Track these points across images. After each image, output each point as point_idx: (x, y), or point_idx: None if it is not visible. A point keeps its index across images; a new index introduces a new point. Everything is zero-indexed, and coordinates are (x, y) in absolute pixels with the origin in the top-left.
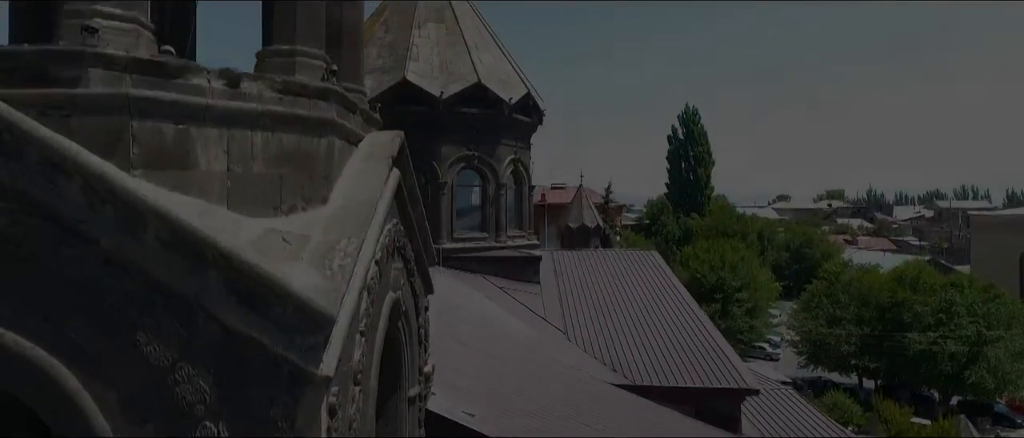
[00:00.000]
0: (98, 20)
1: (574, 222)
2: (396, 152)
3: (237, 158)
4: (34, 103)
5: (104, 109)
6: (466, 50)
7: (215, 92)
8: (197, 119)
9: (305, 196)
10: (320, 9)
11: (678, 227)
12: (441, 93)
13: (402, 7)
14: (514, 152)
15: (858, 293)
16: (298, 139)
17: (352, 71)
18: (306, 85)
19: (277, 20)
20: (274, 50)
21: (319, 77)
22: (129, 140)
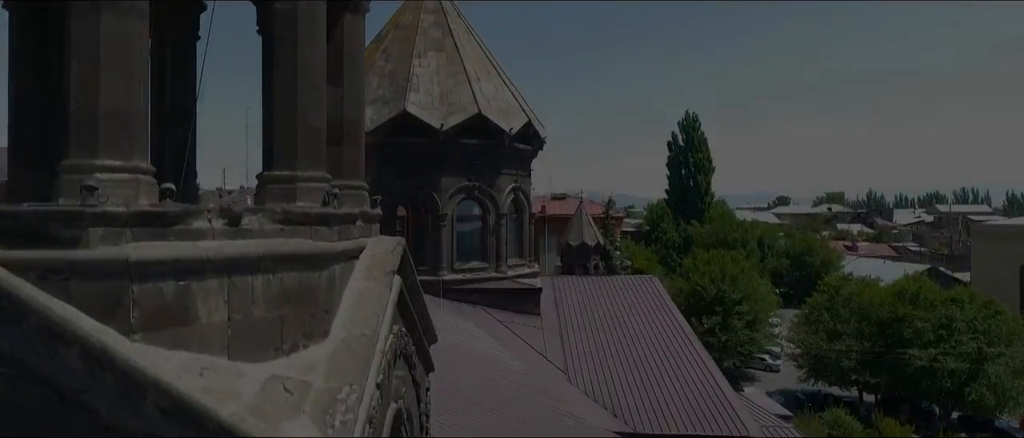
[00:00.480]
0: (98, 175)
1: (574, 240)
2: (397, 266)
3: (238, 306)
4: (33, 267)
5: (104, 274)
6: (467, 80)
7: (216, 232)
8: (197, 273)
9: (306, 332)
10: (320, 132)
11: (678, 234)
12: (441, 125)
13: (403, 35)
14: (514, 181)
15: (858, 307)
16: (299, 276)
17: (353, 167)
18: (308, 213)
19: (277, 146)
20: (275, 176)
21: (320, 200)
22: (129, 304)
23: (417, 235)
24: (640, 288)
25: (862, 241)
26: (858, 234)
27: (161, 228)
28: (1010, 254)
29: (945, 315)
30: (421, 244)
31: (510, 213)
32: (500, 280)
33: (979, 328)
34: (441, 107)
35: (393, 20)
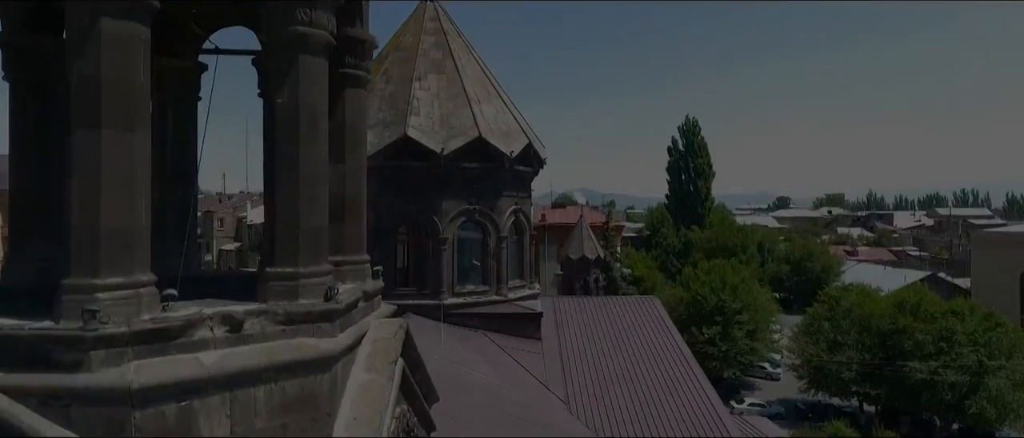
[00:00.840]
0: (99, 295)
1: (575, 253)
2: (399, 354)
3: (240, 419)
4: (34, 392)
5: (105, 401)
6: (467, 102)
7: (218, 341)
8: (200, 391)
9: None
10: (322, 229)
11: (678, 239)
12: (442, 149)
13: (403, 57)
14: (515, 202)
15: (859, 318)
16: (301, 382)
17: (355, 242)
18: (310, 311)
19: (279, 245)
20: (277, 273)
21: (322, 295)
22: (131, 430)
23: (417, 258)
24: (641, 310)
25: (862, 245)
26: (858, 238)
27: (163, 343)
28: (1010, 261)
29: (945, 327)
30: (421, 267)
31: (511, 235)
32: (501, 303)
33: (980, 340)
34: (442, 131)
35: (393, 42)
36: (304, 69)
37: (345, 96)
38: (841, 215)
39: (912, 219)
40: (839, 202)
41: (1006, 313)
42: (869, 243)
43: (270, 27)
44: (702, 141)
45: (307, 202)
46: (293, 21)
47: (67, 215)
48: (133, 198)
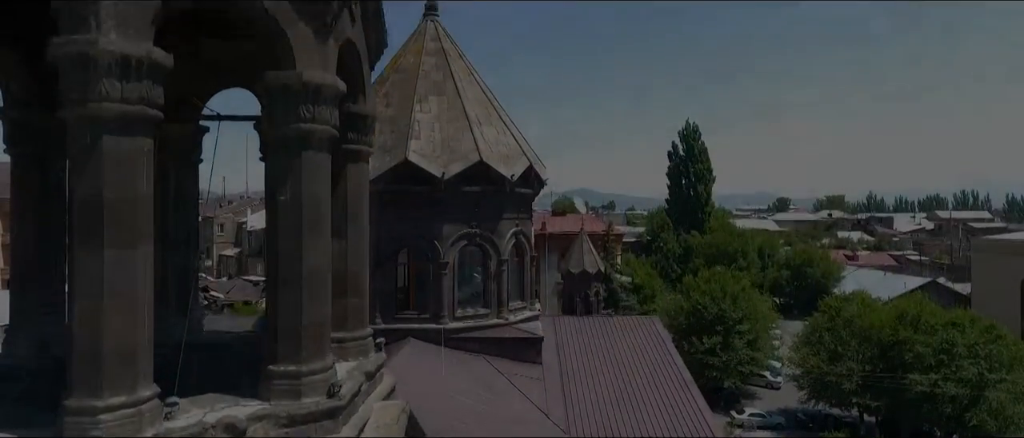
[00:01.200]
0: (101, 416)
1: (575, 267)
2: None
3: None
4: None
5: None
6: (468, 125)
7: None
8: None
9: None
10: (325, 324)
11: (678, 244)
12: (443, 174)
13: (403, 78)
14: (516, 224)
15: (859, 329)
16: None
17: (357, 317)
18: (313, 411)
19: (282, 344)
20: (280, 371)
21: (325, 391)
22: None
23: (419, 281)
24: (641, 331)
25: (862, 250)
26: (858, 242)
27: None
28: (1011, 268)
29: (946, 339)
30: (423, 291)
31: (511, 256)
32: (502, 327)
33: (980, 353)
34: (442, 155)
35: (394, 63)
36: (307, 165)
37: (347, 171)
38: (841, 218)
39: (912, 222)
40: (839, 204)
41: (1007, 321)
42: (869, 247)
43: (272, 125)
44: (703, 146)
45: (310, 297)
46: (296, 119)
47: (69, 334)
48: (136, 315)
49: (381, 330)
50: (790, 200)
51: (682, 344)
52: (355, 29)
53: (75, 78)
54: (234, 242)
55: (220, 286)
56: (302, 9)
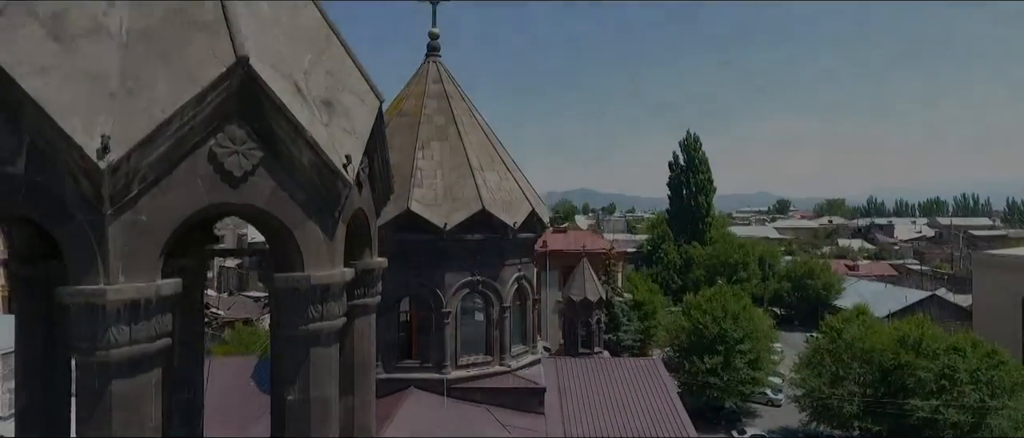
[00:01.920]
0: None
1: (577, 295)
2: None
3: None
4: None
5: None
6: (470, 171)
7: None
8: None
9: None
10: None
11: (679, 255)
12: (445, 224)
13: (406, 122)
14: (518, 269)
15: (860, 352)
16: None
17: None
18: None
19: None
20: None
21: None
22: None
23: (421, 330)
24: (643, 375)
25: (863, 258)
26: (859, 251)
27: None
28: (1012, 284)
29: (947, 365)
30: (425, 340)
31: (513, 301)
32: (504, 375)
33: (982, 378)
34: (445, 203)
35: (396, 104)
36: (316, 364)
37: (354, 326)
38: (841, 225)
39: (913, 229)
40: (840, 208)
41: (1008, 336)
42: (870, 256)
43: (280, 325)
44: (703, 156)
45: None
46: (304, 320)
47: None
48: None
49: (383, 380)
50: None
51: (683, 363)
52: (364, 194)
53: (83, 327)
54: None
55: (221, 302)
56: (310, 206)
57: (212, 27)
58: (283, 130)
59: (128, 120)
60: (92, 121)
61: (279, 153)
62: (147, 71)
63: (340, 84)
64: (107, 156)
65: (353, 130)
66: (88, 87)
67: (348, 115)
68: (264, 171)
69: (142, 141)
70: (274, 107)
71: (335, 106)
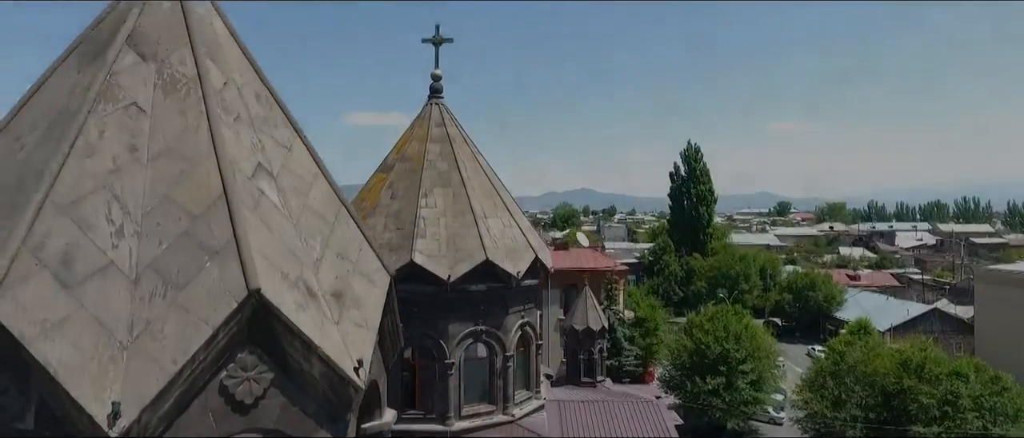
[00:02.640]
0: None
1: (579, 324)
2: None
3: None
4: None
5: None
6: (474, 220)
7: None
8: None
9: None
10: None
11: (680, 267)
12: (449, 276)
13: (408, 168)
14: (522, 316)
15: (863, 375)
16: None
17: None
18: None
19: None
20: None
21: None
22: None
23: (424, 381)
24: (647, 419)
25: (864, 268)
26: (860, 259)
27: None
28: (1014, 300)
29: (950, 390)
30: (428, 390)
31: (517, 348)
32: (508, 425)
33: (985, 405)
34: (449, 254)
35: (399, 148)
36: None
37: None
38: (843, 232)
39: (914, 236)
40: (840, 211)
41: (1010, 352)
42: (871, 265)
43: None
44: (704, 167)
45: None
46: None
47: None
48: None
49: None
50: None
51: (685, 383)
52: (375, 363)
53: None
54: None
55: None
56: (321, 415)
57: (223, 252)
58: (294, 349)
59: (139, 376)
60: (102, 383)
61: (290, 370)
62: (157, 312)
63: (350, 267)
64: (118, 423)
65: (365, 322)
66: (97, 339)
67: (359, 304)
68: (275, 390)
69: (153, 400)
70: (285, 328)
71: (346, 296)
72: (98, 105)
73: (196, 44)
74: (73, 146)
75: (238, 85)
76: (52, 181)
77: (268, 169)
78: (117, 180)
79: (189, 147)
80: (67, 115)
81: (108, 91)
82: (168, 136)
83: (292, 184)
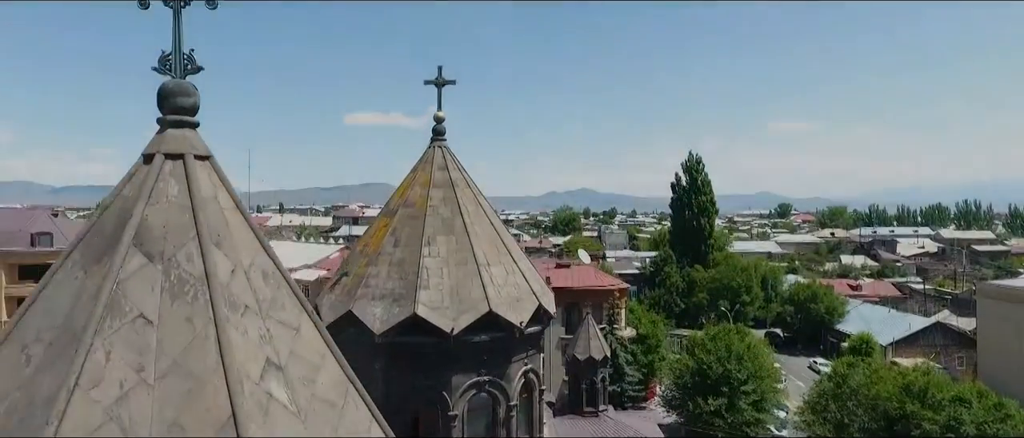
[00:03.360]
0: None
1: (582, 354)
2: None
3: None
4: None
5: None
6: (477, 269)
7: None
8: None
9: None
10: None
11: (682, 278)
12: (452, 329)
13: (411, 214)
14: (525, 363)
15: (865, 399)
16: None
17: None
18: None
19: None
20: None
21: None
22: None
23: (427, 433)
24: None
25: (866, 276)
26: (861, 268)
27: None
28: (1017, 316)
29: (953, 416)
30: None
31: (520, 395)
32: None
33: (988, 432)
34: (452, 305)
35: (401, 193)
36: None
37: None
38: (844, 239)
39: (915, 243)
40: (841, 215)
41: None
42: (873, 273)
43: None
44: (706, 178)
45: None
46: None
47: None
48: None
49: None
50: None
51: (687, 404)
52: None
53: None
54: None
55: None
56: None
57: None
58: None
59: None
60: None
61: None
62: None
63: None
64: None
65: None
66: None
67: None
68: None
69: None
70: None
71: None
72: (105, 321)
73: (203, 236)
74: (80, 375)
75: (245, 269)
76: (59, 421)
77: (276, 362)
78: (124, 408)
79: (196, 362)
80: (73, 333)
81: (115, 303)
82: (175, 349)
83: (300, 373)
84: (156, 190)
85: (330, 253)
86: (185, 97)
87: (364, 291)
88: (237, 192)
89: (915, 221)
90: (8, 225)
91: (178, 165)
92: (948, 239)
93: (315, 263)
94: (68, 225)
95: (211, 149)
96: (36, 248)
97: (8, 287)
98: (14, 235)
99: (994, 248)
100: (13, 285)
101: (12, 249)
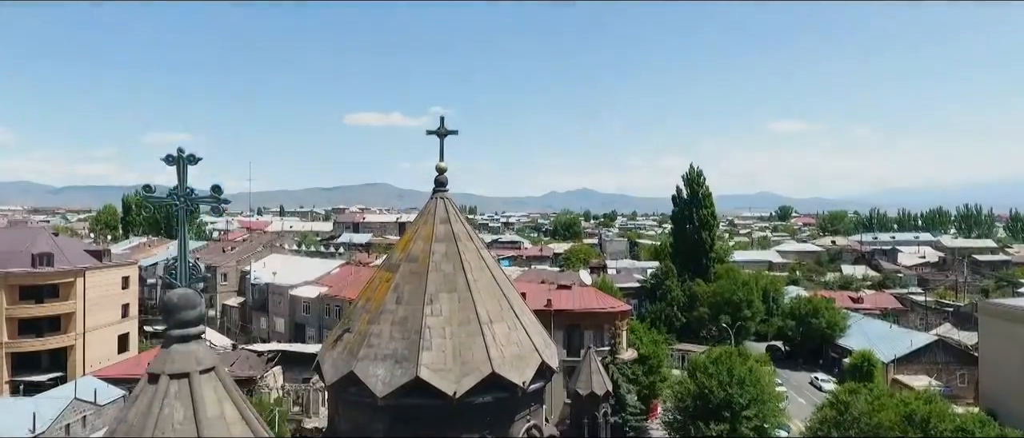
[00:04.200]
0: None
1: (584, 389)
2: None
3: None
4: None
5: None
6: (479, 328)
7: None
8: None
9: None
10: None
11: (683, 292)
12: (455, 392)
13: (412, 269)
14: (528, 420)
15: (867, 428)
16: None
17: None
18: None
19: None
20: None
21: None
22: None
23: None
24: None
25: (867, 287)
26: (862, 278)
27: None
28: (1019, 335)
29: None
30: None
31: None
32: None
33: None
34: (455, 367)
35: (403, 246)
36: None
37: None
38: (845, 248)
39: (916, 253)
40: (842, 220)
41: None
42: (874, 284)
43: None
44: (707, 191)
45: None
46: None
47: None
48: None
49: None
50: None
51: (689, 428)
52: None
53: None
54: (237, 290)
55: (224, 359)
56: None
57: None
58: None
59: None
60: None
61: None
62: None
63: None
64: None
65: None
66: None
67: None
68: None
69: None
70: None
71: None
72: None
73: None
74: None
75: None
76: None
77: None
78: None
79: None
80: None
81: None
82: None
83: None
84: (161, 417)
85: (331, 268)
86: (190, 310)
87: (367, 351)
88: (238, 192)
89: (916, 225)
90: (9, 245)
91: (183, 385)
92: (949, 248)
93: (316, 280)
94: (70, 245)
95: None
96: (37, 269)
97: (9, 308)
98: (15, 255)
99: (995, 257)
100: (14, 306)
101: (13, 270)
